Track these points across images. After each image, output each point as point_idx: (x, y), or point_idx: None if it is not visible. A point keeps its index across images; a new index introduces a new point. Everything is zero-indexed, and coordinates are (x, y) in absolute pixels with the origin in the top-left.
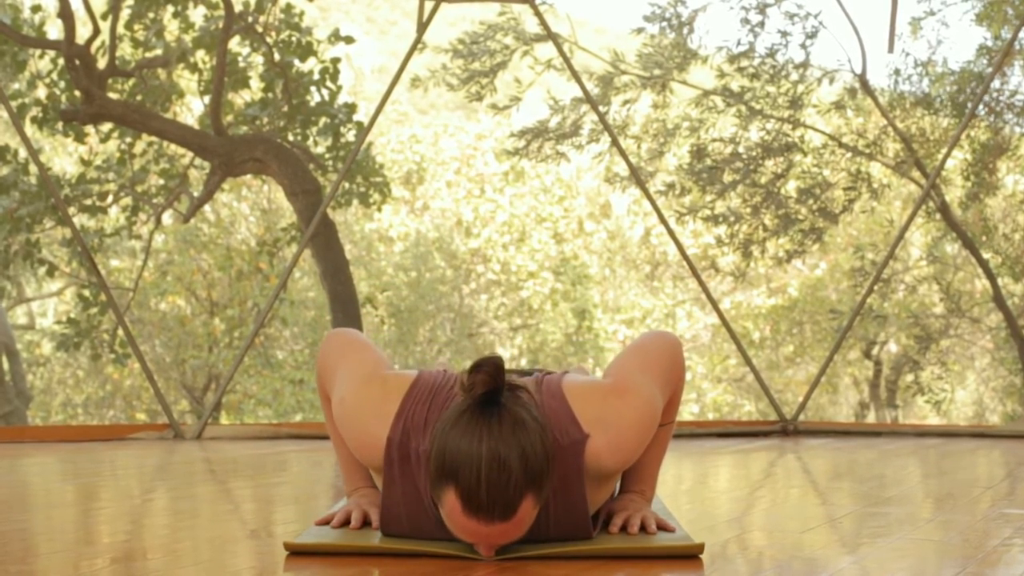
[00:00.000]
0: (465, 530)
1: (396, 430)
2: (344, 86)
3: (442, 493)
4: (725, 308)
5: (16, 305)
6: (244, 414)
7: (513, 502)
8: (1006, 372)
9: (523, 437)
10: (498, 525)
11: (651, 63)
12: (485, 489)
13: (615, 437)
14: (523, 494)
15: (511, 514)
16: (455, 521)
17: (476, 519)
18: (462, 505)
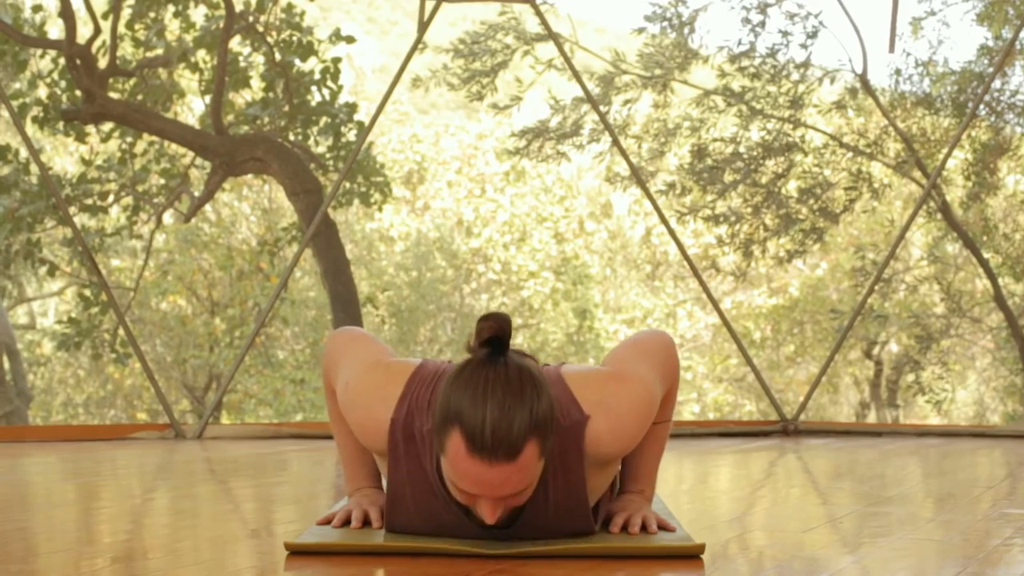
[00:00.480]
0: (468, 475)
1: (400, 411)
2: (345, 86)
3: (446, 439)
4: (726, 308)
5: (17, 305)
6: (245, 414)
7: (517, 443)
8: (1007, 372)
9: (529, 385)
10: (502, 466)
11: (652, 63)
12: (490, 428)
13: (616, 421)
14: (527, 437)
15: (515, 455)
16: (459, 467)
17: (480, 459)
18: (466, 445)
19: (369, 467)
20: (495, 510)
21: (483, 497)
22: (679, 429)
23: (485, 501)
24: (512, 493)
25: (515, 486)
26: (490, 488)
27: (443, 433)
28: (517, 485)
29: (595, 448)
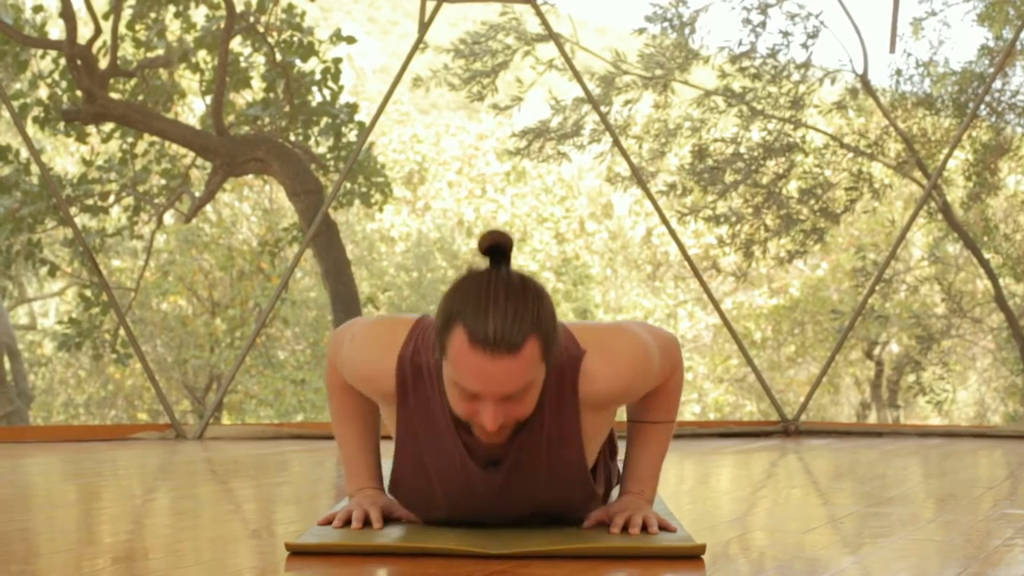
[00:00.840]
0: (470, 370)
1: (407, 348)
2: (346, 86)
3: (449, 338)
4: (727, 308)
5: (18, 305)
6: (246, 414)
7: (519, 336)
8: (1008, 372)
9: (531, 289)
10: (504, 360)
11: (652, 63)
12: (492, 322)
13: (611, 360)
14: (529, 333)
15: (517, 347)
16: (461, 364)
17: (483, 352)
18: (469, 339)
19: (371, 467)
20: (496, 415)
21: (485, 398)
22: (680, 430)
23: (486, 405)
24: (514, 391)
25: (516, 382)
26: (492, 383)
27: (445, 334)
28: (518, 382)
29: (589, 384)
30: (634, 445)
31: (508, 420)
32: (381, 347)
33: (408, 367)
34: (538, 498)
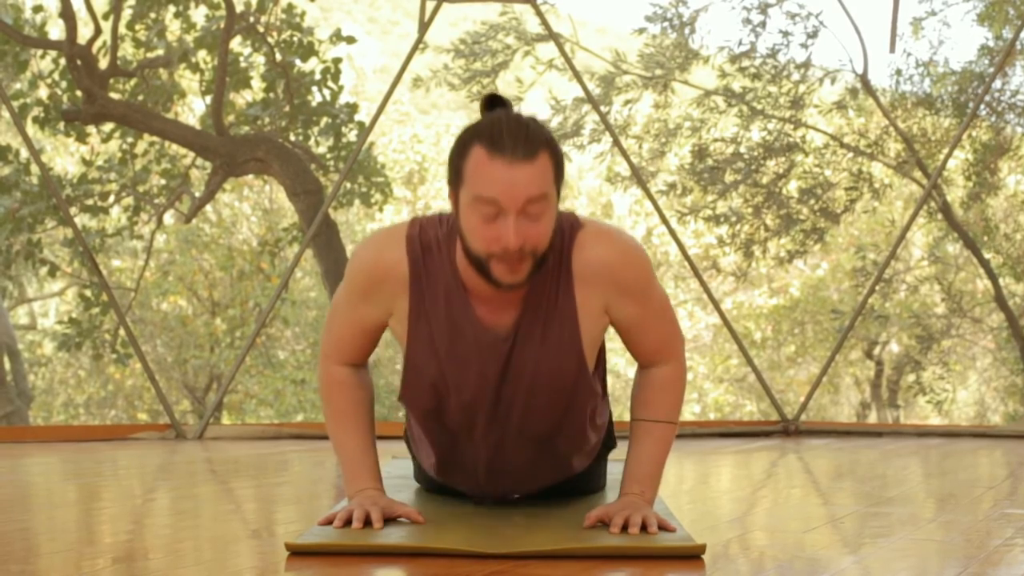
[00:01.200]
0: (490, 179)
1: (413, 229)
2: (346, 86)
3: (467, 159)
4: (727, 308)
5: (18, 305)
6: (246, 414)
7: (534, 143)
8: (1008, 372)
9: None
10: (521, 166)
11: (653, 63)
12: (507, 131)
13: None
14: (541, 145)
15: (533, 154)
16: (481, 176)
17: (501, 159)
18: (487, 151)
19: (371, 467)
20: (518, 230)
21: (507, 212)
22: (680, 430)
23: (507, 221)
24: (534, 195)
25: (534, 188)
26: (512, 186)
27: (461, 160)
28: (536, 188)
29: (580, 252)
30: (635, 444)
31: (528, 243)
32: (387, 238)
33: (418, 245)
34: (540, 371)
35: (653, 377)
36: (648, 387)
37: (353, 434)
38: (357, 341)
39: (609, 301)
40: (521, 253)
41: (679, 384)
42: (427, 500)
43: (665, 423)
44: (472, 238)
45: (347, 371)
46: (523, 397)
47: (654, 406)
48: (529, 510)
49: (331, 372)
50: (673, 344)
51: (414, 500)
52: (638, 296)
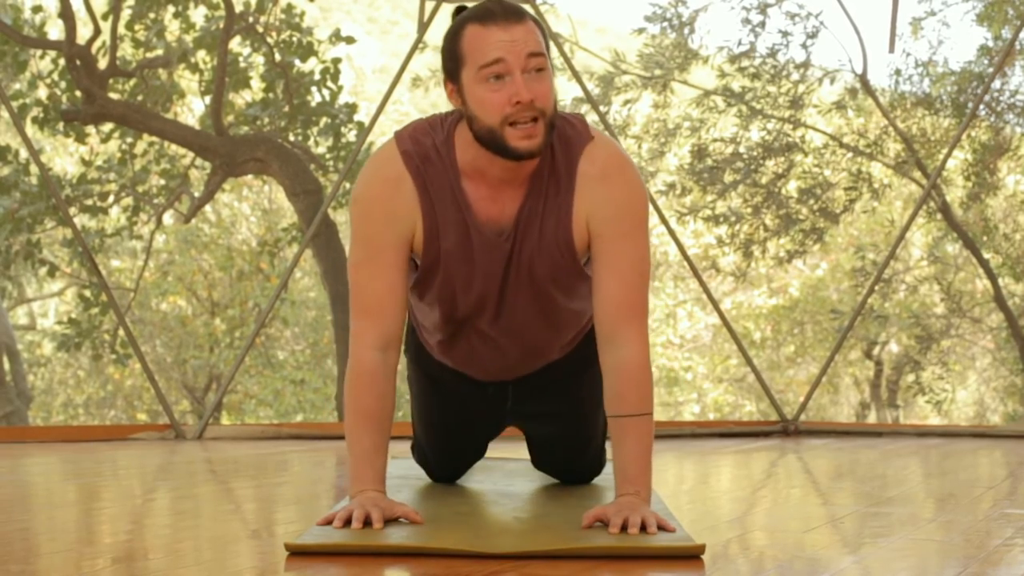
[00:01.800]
0: (490, 43)
1: (404, 143)
2: (345, 86)
3: (462, 40)
4: (726, 308)
5: (17, 305)
6: (245, 414)
7: (520, 11)
8: (1007, 372)
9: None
10: (515, 26)
11: (652, 63)
12: (492, 5)
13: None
14: (526, 12)
15: (522, 17)
16: (481, 43)
17: (495, 25)
18: (480, 23)
19: (378, 469)
20: (526, 84)
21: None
22: (679, 430)
23: (515, 78)
24: (534, 49)
25: (532, 43)
26: (513, 43)
27: (456, 40)
28: (534, 42)
29: (587, 162)
30: (619, 444)
31: (538, 100)
32: (383, 162)
33: (415, 158)
34: (536, 265)
35: (620, 367)
36: (617, 380)
37: (369, 433)
38: (388, 290)
39: (594, 214)
40: (533, 110)
41: (646, 372)
42: (427, 500)
43: (642, 415)
44: (484, 111)
45: (378, 359)
46: (525, 292)
47: (628, 400)
48: (529, 510)
49: (362, 359)
50: (637, 311)
51: (414, 500)
52: (624, 227)
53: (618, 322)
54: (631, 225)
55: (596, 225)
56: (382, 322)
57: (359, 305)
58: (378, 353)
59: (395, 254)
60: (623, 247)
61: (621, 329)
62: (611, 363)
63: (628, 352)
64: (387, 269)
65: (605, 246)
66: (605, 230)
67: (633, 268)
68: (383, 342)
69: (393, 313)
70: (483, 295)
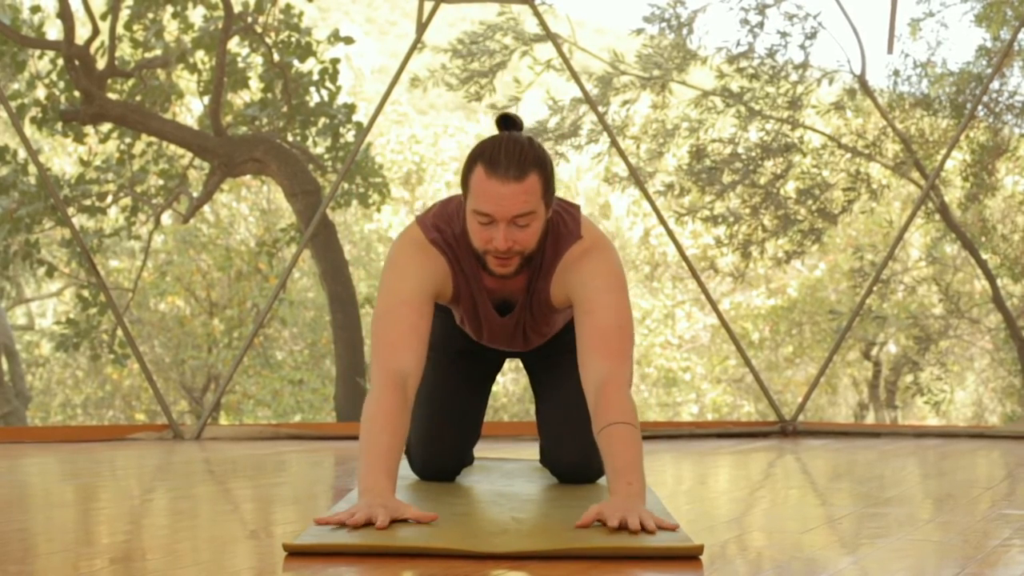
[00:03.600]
0: (485, 195)
1: (430, 233)
2: (343, 86)
3: (471, 176)
4: (724, 309)
5: (15, 305)
6: (243, 414)
7: (525, 165)
8: (1005, 373)
9: (535, 143)
10: (512, 185)
11: (650, 64)
12: (503, 153)
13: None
14: (532, 166)
15: (523, 175)
16: (479, 192)
17: (496, 179)
18: (485, 169)
19: (390, 470)
20: (506, 236)
21: (498, 221)
22: (677, 430)
23: (499, 227)
24: (520, 211)
25: (522, 205)
26: (503, 202)
27: (468, 173)
28: (523, 205)
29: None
30: (608, 449)
31: (515, 246)
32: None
33: (442, 244)
34: (534, 327)
35: (602, 397)
36: (600, 404)
37: (385, 436)
38: (410, 330)
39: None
40: (509, 253)
41: (629, 400)
42: (426, 501)
43: (627, 424)
44: (472, 238)
45: (400, 380)
46: (532, 337)
47: (612, 413)
48: (528, 510)
49: (381, 390)
50: (617, 355)
51: (412, 501)
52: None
53: (599, 361)
54: (604, 286)
55: (574, 292)
56: (404, 357)
57: (382, 343)
58: (399, 378)
59: (421, 303)
60: (598, 304)
61: (601, 364)
62: (593, 392)
63: (608, 381)
64: (411, 313)
65: (583, 306)
66: (581, 293)
67: (609, 319)
68: (403, 373)
69: (415, 352)
70: (489, 340)
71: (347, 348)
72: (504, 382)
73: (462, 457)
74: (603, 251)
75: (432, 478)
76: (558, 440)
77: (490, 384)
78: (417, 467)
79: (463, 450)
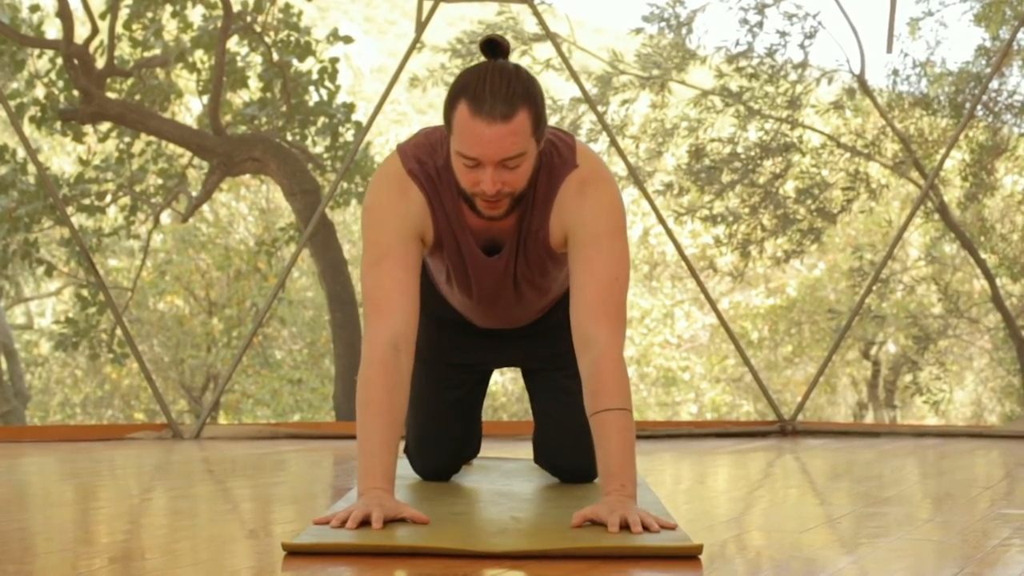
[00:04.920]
0: (471, 137)
1: (410, 163)
2: (343, 86)
3: (454, 113)
4: (723, 308)
5: (14, 305)
6: (242, 414)
7: (512, 103)
8: (1004, 372)
9: (523, 73)
10: (499, 126)
11: (650, 63)
12: (488, 90)
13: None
14: (520, 103)
15: (510, 115)
16: (464, 133)
17: (481, 119)
18: (469, 108)
19: (387, 466)
20: (494, 179)
21: (485, 165)
22: (676, 430)
23: (486, 171)
24: (508, 155)
25: (510, 148)
26: (490, 146)
27: (451, 111)
28: (511, 147)
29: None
30: (601, 442)
31: (505, 188)
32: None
33: (421, 176)
34: (529, 278)
35: (595, 367)
36: (593, 379)
37: (380, 428)
38: (398, 288)
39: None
40: (498, 195)
41: (622, 371)
42: (424, 500)
43: (620, 410)
44: (458, 176)
45: (389, 355)
46: (510, 293)
47: (606, 396)
48: (527, 510)
49: (373, 355)
50: (612, 312)
51: (410, 501)
52: (599, 231)
53: (593, 323)
54: (606, 230)
55: (572, 232)
56: (392, 319)
57: (370, 305)
58: (390, 350)
59: (404, 254)
60: (598, 250)
61: (596, 330)
62: (587, 364)
63: (603, 352)
64: (396, 268)
65: (581, 251)
66: (580, 236)
67: (608, 271)
68: (394, 340)
69: (403, 310)
70: (478, 297)
71: (346, 347)
72: (503, 382)
73: (460, 457)
74: (602, 183)
75: (432, 479)
76: (557, 450)
77: (484, 386)
78: (417, 468)
79: (460, 451)
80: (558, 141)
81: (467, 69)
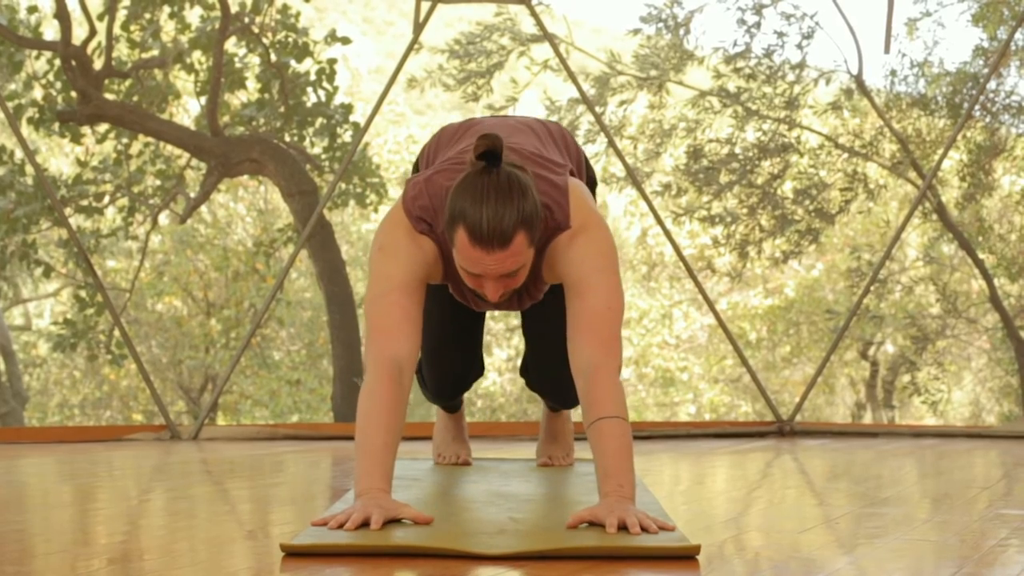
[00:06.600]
0: (472, 261)
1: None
2: (341, 87)
3: (454, 235)
4: (722, 309)
5: (12, 306)
6: (241, 415)
7: (508, 234)
8: (1003, 372)
9: (516, 189)
10: (497, 253)
11: (648, 64)
12: (486, 224)
13: (586, 224)
14: (516, 230)
15: (507, 244)
16: (465, 256)
17: (480, 249)
18: (469, 239)
19: (387, 468)
20: (496, 289)
21: (486, 278)
22: (675, 430)
23: (488, 282)
24: (508, 273)
25: (509, 267)
26: (490, 269)
27: (451, 231)
28: (511, 267)
29: (552, 255)
30: (597, 447)
31: (506, 291)
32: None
33: (430, 233)
34: (529, 297)
35: (591, 384)
36: (590, 392)
37: (381, 432)
38: (403, 316)
39: (563, 266)
40: (500, 296)
41: (618, 387)
42: (423, 501)
43: (615, 418)
44: (463, 276)
45: (393, 376)
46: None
47: (601, 405)
48: (525, 510)
49: (376, 377)
50: (607, 340)
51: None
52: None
53: (588, 348)
54: (597, 267)
55: (565, 275)
56: (399, 344)
57: (376, 331)
58: (395, 367)
59: (413, 290)
60: (590, 285)
61: (591, 354)
62: (583, 384)
63: (597, 371)
64: (404, 298)
65: (575, 288)
66: (573, 276)
67: (600, 300)
68: (399, 360)
69: (409, 338)
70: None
71: (344, 348)
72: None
73: (471, 368)
74: (593, 230)
75: (444, 396)
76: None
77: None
78: (431, 385)
79: (471, 361)
80: (551, 202)
81: (464, 183)
